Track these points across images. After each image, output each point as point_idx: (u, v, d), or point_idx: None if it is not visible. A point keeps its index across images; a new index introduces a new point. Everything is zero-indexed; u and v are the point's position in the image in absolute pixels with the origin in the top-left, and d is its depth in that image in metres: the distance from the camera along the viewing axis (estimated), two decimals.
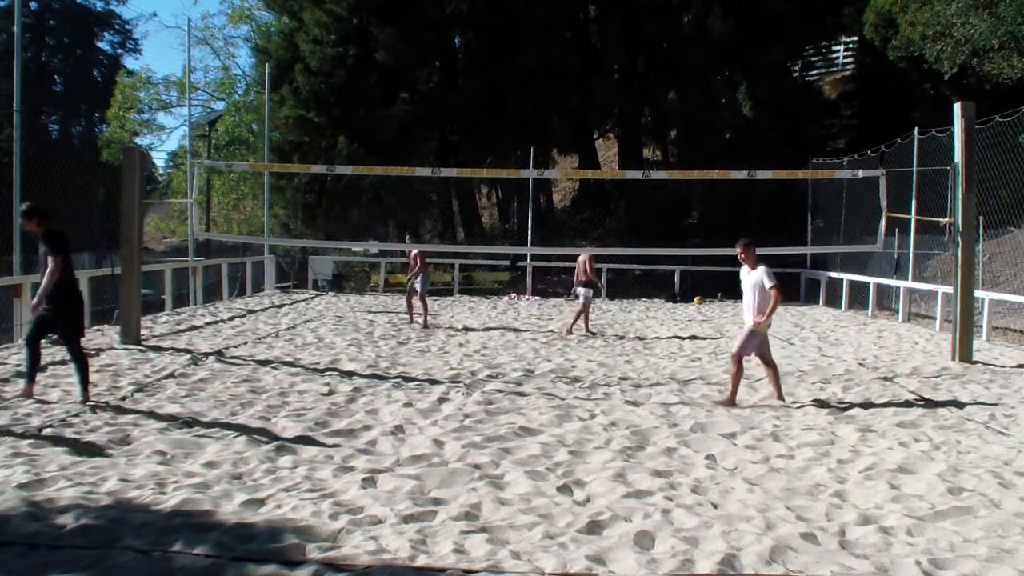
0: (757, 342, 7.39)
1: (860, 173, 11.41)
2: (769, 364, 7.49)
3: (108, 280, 12.12)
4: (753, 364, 9.65)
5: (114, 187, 10.72)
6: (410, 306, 13.27)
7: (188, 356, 9.23)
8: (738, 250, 7.56)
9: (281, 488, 4.70)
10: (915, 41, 16.40)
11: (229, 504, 4.40)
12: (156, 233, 34.56)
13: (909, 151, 15.23)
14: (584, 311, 12.49)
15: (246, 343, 10.57)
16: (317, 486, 4.78)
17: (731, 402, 7.28)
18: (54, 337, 10.08)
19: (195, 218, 12.83)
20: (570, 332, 12.30)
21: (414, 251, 13.40)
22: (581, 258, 12.68)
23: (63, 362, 8.55)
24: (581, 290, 12.49)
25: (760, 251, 7.77)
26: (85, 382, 6.84)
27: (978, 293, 11.51)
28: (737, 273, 7.91)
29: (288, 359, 9.32)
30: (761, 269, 7.40)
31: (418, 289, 12.86)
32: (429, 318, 13.10)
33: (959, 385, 8.32)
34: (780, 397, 7.40)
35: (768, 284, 7.26)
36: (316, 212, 22.61)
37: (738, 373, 7.38)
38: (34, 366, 6.94)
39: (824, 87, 28.11)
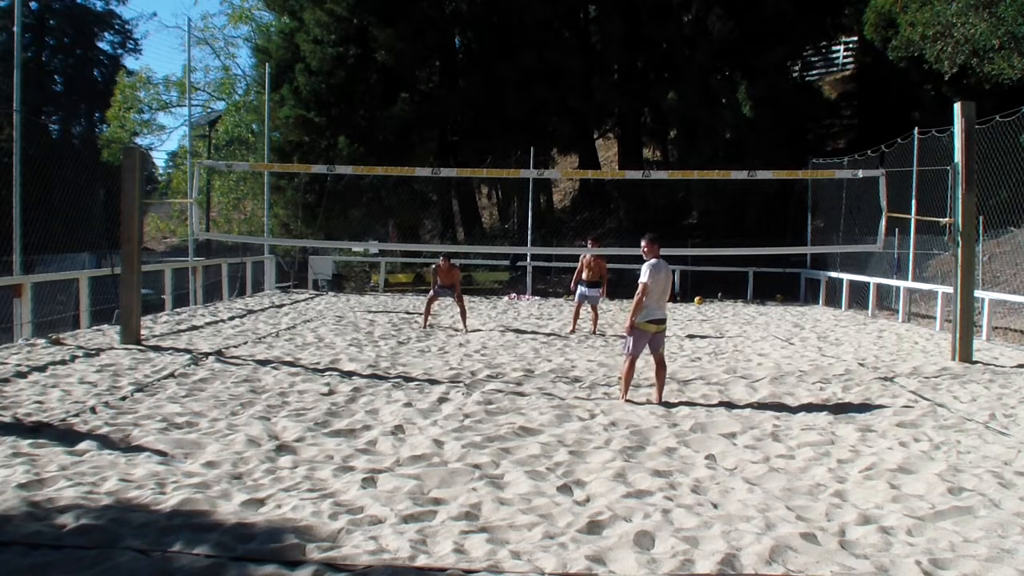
0: (644, 341, 7.37)
1: (860, 173, 11.41)
2: (659, 362, 7.45)
3: (108, 280, 12.13)
4: (754, 364, 9.69)
5: (114, 187, 10.72)
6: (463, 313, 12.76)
7: (188, 356, 9.23)
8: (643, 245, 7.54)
9: (281, 488, 4.70)
10: (915, 41, 16.39)
11: (229, 504, 4.40)
12: (156, 233, 34.57)
13: (909, 151, 15.23)
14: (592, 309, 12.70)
15: (246, 343, 10.57)
16: (317, 486, 4.78)
17: (623, 398, 7.37)
18: (53, 337, 10.12)
19: (195, 218, 12.81)
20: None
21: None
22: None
23: (63, 362, 8.57)
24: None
25: (760, 251, 7.78)
26: None
27: (978, 293, 11.51)
28: (738, 272, 7.91)
29: (288, 359, 9.32)
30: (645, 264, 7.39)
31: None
32: (430, 318, 13.05)
33: (959, 385, 8.32)
34: (659, 399, 7.34)
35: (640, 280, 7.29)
36: (316, 212, 22.62)
37: (629, 372, 7.41)
38: None
39: (824, 87, 28.11)
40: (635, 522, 4.26)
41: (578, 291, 12.66)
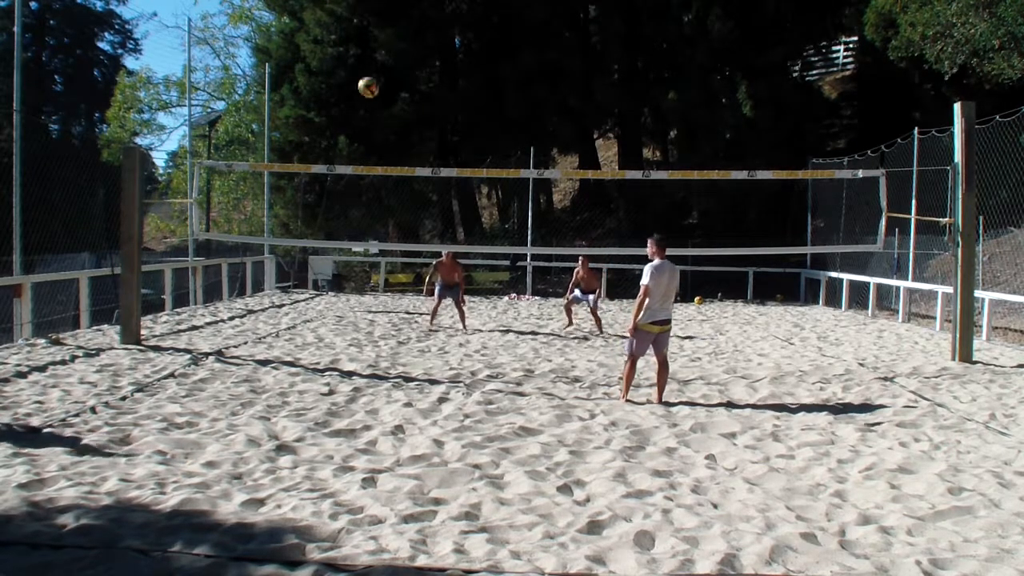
0: (647, 342, 7.37)
1: (860, 173, 11.41)
2: (662, 363, 7.44)
3: (108, 280, 12.13)
4: (754, 364, 9.69)
5: (114, 187, 10.72)
6: (461, 312, 12.73)
7: (188, 356, 9.23)
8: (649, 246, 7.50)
9: (281, 488, 4.70)
10: (915, 41, 16.39)
11: (229, 504, 4.41)
12: (156, 233, 34.56)
13: (909, 151, 15.23)
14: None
15: (246, 343, 10.57)
16: (317, 486, 4.78)
17: (624, 398, 7.39)
18: (53, 337, 10.12)
19: (195, 218, 12.80)
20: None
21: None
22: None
23: (63, 362, 8.57)
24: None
25: (760, 251, 7.75)
26: None
27: (978, 293, 11.50)
28: (738, 273, 7.88)
29: (288, 359, 9.32)
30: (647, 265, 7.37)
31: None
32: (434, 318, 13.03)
33: (959, 385, 8.32)
34: (659, 399, 7.34)
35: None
36: (316, 212, 22.62)
37: (630, 373, 7.42)
38: None
39: (824, 87, 28.11)
40: (635, 522, 4.26)
41: (574, 293, 12.86)
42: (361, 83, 10.41)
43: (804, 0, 21.77)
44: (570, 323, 12.97)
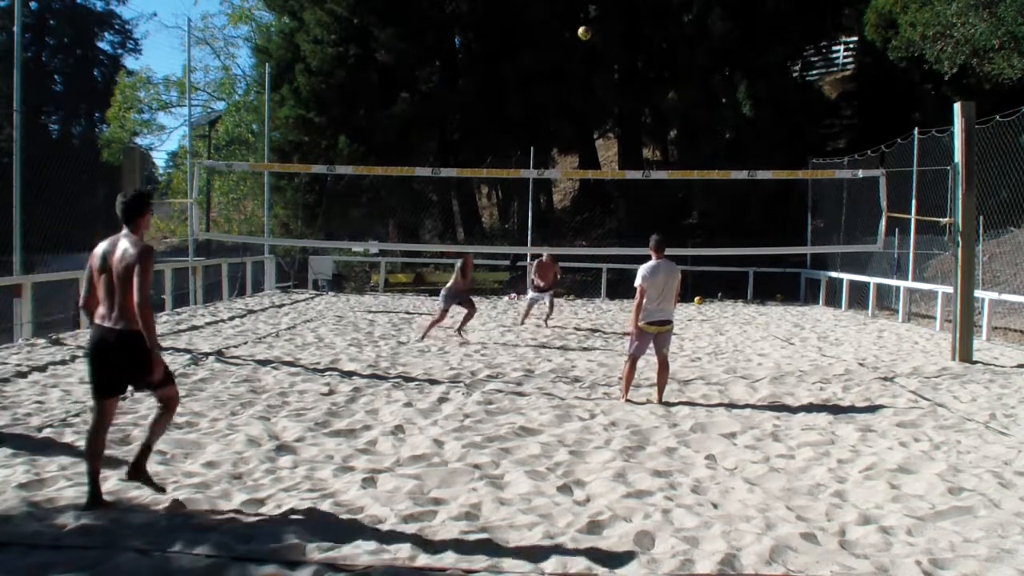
0: (645, 342, 7.41)
1: (860, 173, 11.43)
2: (662, 363, 7.46)
3: None
4: (754, 364, 9.69)
5: (114, 187, 10.71)
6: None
7: (188, 356, 9.23)
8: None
9: (281, 488, 4.70)
10: (915, 41, 16.40)
11: (229, 504, 4.41)
12: (156, 233, 34.50)
13: (909, 151, 15.23)
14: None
15: (246, 343, 10.57)
16: (317, 486, 4.78)
17: (624, 398, 7.43)
18: (54, 337, 10.12)
19: (195, 218, 12.80)
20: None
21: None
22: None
23: (63, 362, 8.56)
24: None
25: (760, 251, 7.76)
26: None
27: (978, 293, 11.51)
28: (739, 272, 7.87)
29: (288, 359, 9.31)
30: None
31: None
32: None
33: (959, 385, 8.32)
34: (659, 399, 7.35)
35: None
36: (316, 212, 22.61)
37: (630, 373, 7.46)
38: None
39: (824, 87, 28.10)
40: (635, 522, 4.26)
41: (530, 295, 13.38)
42: (581, 30, 12.33)
43: (804, 0, 21.76)
44: (523, 322, 13.38)
